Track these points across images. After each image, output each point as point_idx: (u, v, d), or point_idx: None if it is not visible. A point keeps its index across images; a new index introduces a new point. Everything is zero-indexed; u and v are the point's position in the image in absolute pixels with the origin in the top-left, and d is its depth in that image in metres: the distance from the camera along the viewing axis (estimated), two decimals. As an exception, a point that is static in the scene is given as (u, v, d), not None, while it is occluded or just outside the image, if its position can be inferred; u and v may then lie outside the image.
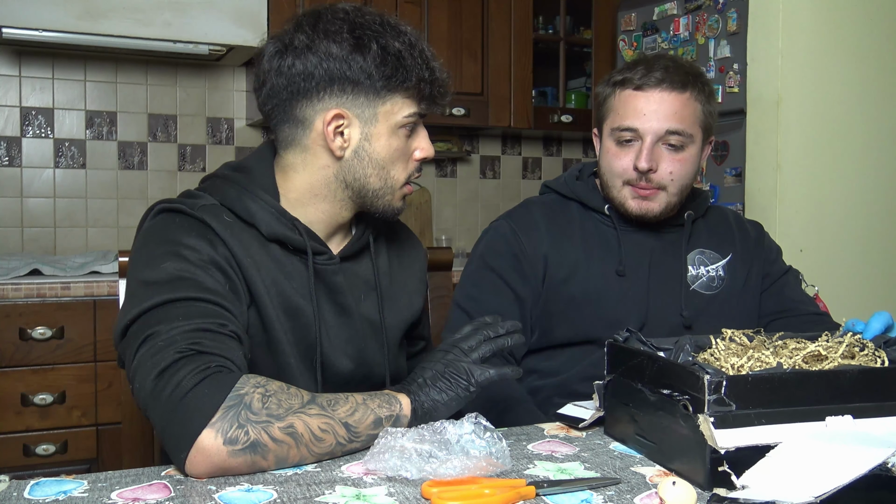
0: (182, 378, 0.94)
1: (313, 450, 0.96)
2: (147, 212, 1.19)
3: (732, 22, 2.57)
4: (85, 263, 2.48)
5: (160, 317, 1.01)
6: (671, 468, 0.96)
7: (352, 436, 0.99)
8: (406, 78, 1.15)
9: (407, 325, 1.34)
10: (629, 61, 1.50)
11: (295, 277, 1.19)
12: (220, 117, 3.10)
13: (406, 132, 1.19)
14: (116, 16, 2.48)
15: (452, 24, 3.13)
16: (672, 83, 1.42)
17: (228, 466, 0.92)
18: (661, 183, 1.45)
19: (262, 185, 1.21)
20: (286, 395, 0.97)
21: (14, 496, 0.85)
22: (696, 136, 1.46)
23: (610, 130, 1.47)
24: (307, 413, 0.96)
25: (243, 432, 0.92)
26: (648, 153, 1.42)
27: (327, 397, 1.00)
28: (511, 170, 3.68)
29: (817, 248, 2.47)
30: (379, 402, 1.02)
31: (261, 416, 0.93)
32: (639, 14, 2.99)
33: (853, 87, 2.54)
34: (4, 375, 2.27)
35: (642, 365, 1.01)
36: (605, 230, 1.53)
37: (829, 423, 0.91)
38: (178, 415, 0.93)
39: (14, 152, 2.81)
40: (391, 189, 1.22)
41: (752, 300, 1.55)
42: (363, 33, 1.15)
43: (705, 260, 1.54)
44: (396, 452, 0.91)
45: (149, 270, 1.07)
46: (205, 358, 0.97)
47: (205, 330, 1.01)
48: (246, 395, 0.94)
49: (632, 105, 1.44)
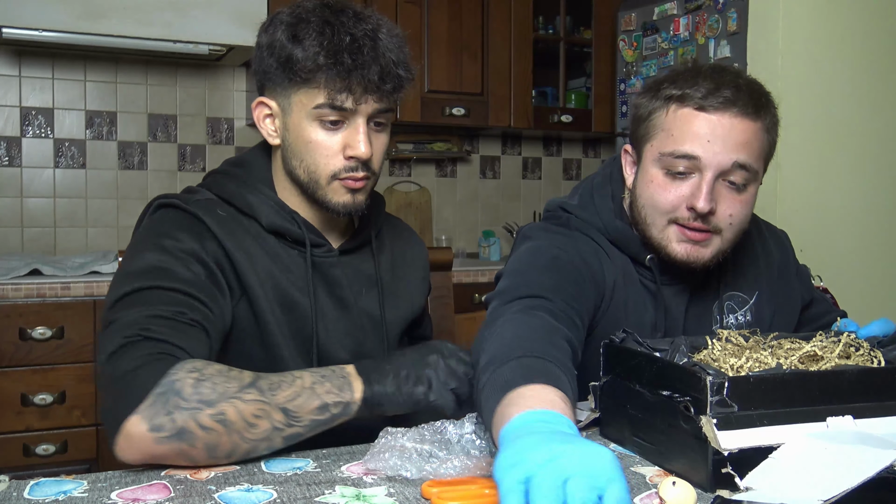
0: (122, 363, 0.95)
1: (246, 436, 0.94)
2: (147, 206, 1.21)
3: (732, 22, 2.57)
4: (85, 263, 2.48)
5: (126, 304, 1.03)
6: (670, 469, 0.96)
7: (290, 420, 0.96)
8: (302, 67, 1.11)
9: (407, 322, 1.34)
10: (679, 69, 1.24)
11: (293, 270, 1.20)
12: (220, 117, 3.10)
13: (325, 124, 1.14)
14: (116, 16, 2.48)
15: (452, 24, 3.13)
16: (745, 107, 1.15)
17: (155, 454, 0.92)
18: (717, 227, 1.18)
19: (261, 179, 1.23)
20: (223, 378, 0.95)
21: (14, 496, 0.85)
22: (760, 172, 1.20)
23: (658, 155, 1.19)
24: (242, 398, 0.94)
25: (170, 419, 0.91)
26: (709, 190, 1.15)
27: (271, 380, 0.97)
28: (511, 170, 3.67)
29: (817, 248, 2.47)
30: (329, 388, 0.99)
31: (191, 402, 0.92)
32: (639, 14, 2.99)
33: (853, 86, 2.54)
34: (4, 375, 2.26)
35: (641, 366, 1.01)
36: (643, 283, 1.29)
37: (829, 424, 0.91)
38: (110, 400, 0.94)
39: (14, 152, 2.81)
40: (317, 183, 1.17)
41: None
42: (288, 24, 1.14)
43: (734, 306, 1.35)
44: (396, 452, 0.91)
45: (130, 261, 1.10)
46: (149, 344, 0.97)
47: (160, 317, 1.01)
48: (177, 381, 0.93)
49: (692, 128, 1.15)
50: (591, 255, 1.26)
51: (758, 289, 1.37)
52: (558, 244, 1.24)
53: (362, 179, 1.17)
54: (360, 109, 1.14)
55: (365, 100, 1.13)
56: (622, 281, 1.27)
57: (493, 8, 3.21)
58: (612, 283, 1.26)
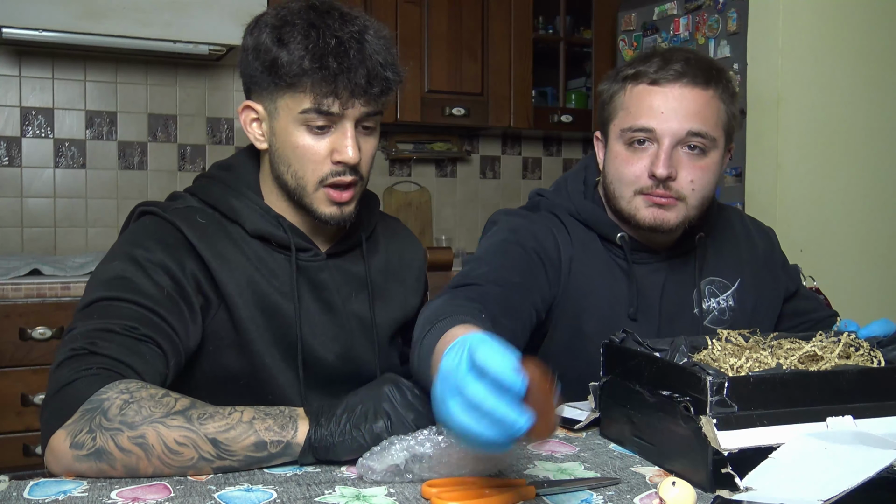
0: (62, 374, 0.95)
1: (168, 462, 0.90)
2: (130, 213, 1.22)
3: (732, 22, 2.57)
4: (85, 263, 2.47)
5: (86, 314, 1.03)
6: (670, 469, 0.96)
7: (222, 453, 0.91)
8: (287, 72, 1.09)
9: (399, 324, 1.33)
10: (640, 54, 1.33)
11: (278, 275, 1.19)
12: (220, 117, 3.10)
13: (312, 129, 1.13)
14: (116, 16, 2.48)
15: (452, 24, 3.13)
16: (694, 78, 1.23)
17: (76, 469, 0.91)
18: (680, 193, 1.25)
19: (247, 183, 1.22)
20: (151, 402, 0.92)
21: (14, 496, 0.85)
22: (719, 140, 1.27)
23: (619, 132, 1.28)
24: (166, 424, 0.90)
25: (91, 438, 0.90)
26: (667, 157, 1.23)
27: (203, 410, 0.93)
28: (511, 170, 3.67)
29: (817, 248, 2.47)
30: (270, 424, 0.93)
31: (113, 423, 0.90)
32: (639, 14, 2.99)
33: (853, 87, 2.54)
34: (4, 375, 2.26)
35: (640, 366, 1.01)
36: (615, 261, 1.35)
37: (829, 424, 0.91)
38: (46, 412, 0.94)
39: (14, 152, 2.81)
40: (304, 189, 1.16)
41: (760, 325, 1.39)
42: (273, 26, 1.12)
43: (715, 291, 1.39)
44: (396, 453, 0.91)
45: (102, 268, 1.10)
46: (92, 359, 0.96)
47: (109, 331, 1.00)
48: (106, 401, 0.91)
49: (647, 102, 1.25)
50: (545, 233, 1.32)
51: (740, 276, 1.41)
52: (513, 226, 1.32)
53: (350, 186, 1.16)
54: (347, 114, 1.12)
55: (352, 104, 1.11)
56: (584, 256, 1.33)
57: (493, 8, 3.21)
58: (569, 258, 1.32)
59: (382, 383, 0.97)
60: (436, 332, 0.96)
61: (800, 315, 1.51)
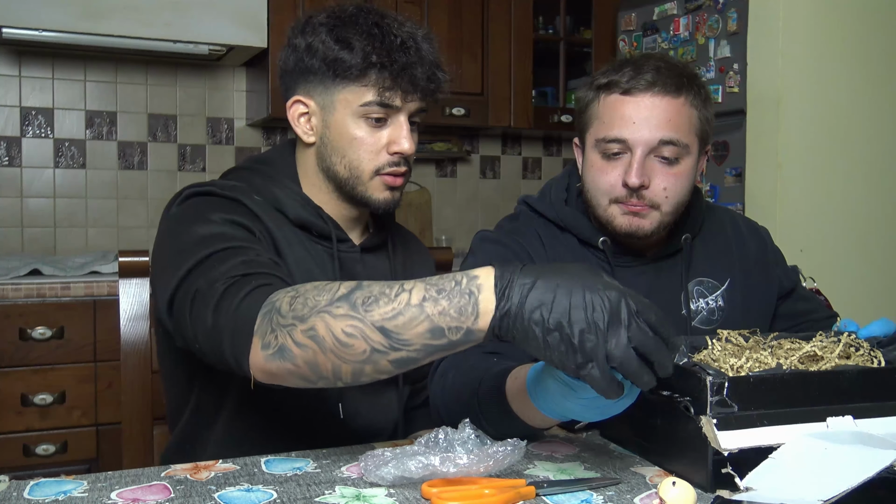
0: (228, 304, 0.95)
1: (343, 355, 0.83)
2: (174, 197, 1.20)
3: (732, 22, 2.57)
4: (85, 263, 2.47)
5: (199, 274, 1.02)
6: (670, 469, 0.96)
7: (396, 343, 0.81)
8: (352, 66, 1.15)
9: None
10: (614, 61, 1.36)
11: (318, 263, 1.22)
12: (220, 117, 3.10)
13: (371, 122, 1.19)
14: (117, 16, 2.48)
15: (452, 24, 3.13)
16: (665, 86, 1.26)
17: (272, 373, 0.89)
18: (653, 201, 1.27)
19: (287, 174, 1.25)
20: (316, 291, 0.87)
21: (14, 496, 0.85)
22: (692, 145, 1.29)
23: (594, 142, 1.30)
24: (332, 313, 0.83)
25: (274, 337, 0.87)
26: (639, 167, 1.25)
27: (368, 293, 0.83)
28: (511, 170, 3.67)
29: (817, 248, 2.47)
30: (444, 308, 0.80)
31: (287, 318, 0.87)
32: (639, 14, 2.99)
33: (853, 86, 2.54)
34: (4, 375, 2.27)
35: (642, 365, 1.01)
36: (599, 265, 1.35)
37: (829, 424, 0.91)
38: (229, 334, 0.93)
39: (14, 152, 2.81)
40: (358, 179, 1.21)
41: (753, 325, 1.36)
42: (330, 26, 1.18)
43: (704, 291, 1.40)
44: (396, 453, 0.91)
45: (179, 242, 1.08)
46: (248, 279, 0.97)
47: (244, 263, 1.01)
48: (277, 301, 0.89)
49: (619, 112, 1.27)
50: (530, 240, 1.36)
51: (730, 276, 1.42)
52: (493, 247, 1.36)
53: (403, 174, 1.23)
54: (404, 107, 1.19)
55: (411, 98, 1.19)
56: (566, 261, 1.34)
57: (493, 8, 3.20)
58: None
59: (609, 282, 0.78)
60: (492, 379, 1.03)
61: (799, 316, 1.51)
